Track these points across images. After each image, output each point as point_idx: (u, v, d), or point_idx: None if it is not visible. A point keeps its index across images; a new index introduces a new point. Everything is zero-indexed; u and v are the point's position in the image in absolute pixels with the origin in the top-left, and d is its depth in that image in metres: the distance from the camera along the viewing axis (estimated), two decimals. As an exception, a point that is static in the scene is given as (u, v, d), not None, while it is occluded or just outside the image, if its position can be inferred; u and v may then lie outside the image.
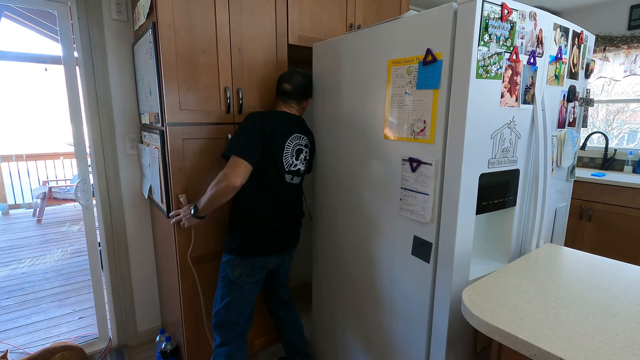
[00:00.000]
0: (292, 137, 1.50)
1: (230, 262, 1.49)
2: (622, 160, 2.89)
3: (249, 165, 1.37)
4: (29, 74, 9.23)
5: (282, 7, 1.70)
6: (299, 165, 1.55)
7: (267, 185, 1.47)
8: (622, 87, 2.98)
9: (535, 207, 1.27)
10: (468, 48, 0.98)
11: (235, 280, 1.49)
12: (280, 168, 1.48)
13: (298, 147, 1.53)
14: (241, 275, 1.49)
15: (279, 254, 1.56)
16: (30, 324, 2.41)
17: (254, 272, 1.52)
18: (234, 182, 1.34)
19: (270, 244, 1.52)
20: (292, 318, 1.77)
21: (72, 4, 1.75)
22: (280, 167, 1.48)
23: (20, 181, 5.41)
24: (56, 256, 3.58)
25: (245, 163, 1.36)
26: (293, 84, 1.54)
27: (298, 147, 1.53)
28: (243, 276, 1.49)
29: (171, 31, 1.43)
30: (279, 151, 1.46)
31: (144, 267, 2.10)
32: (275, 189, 1.48)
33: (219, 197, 1.37)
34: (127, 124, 1.93)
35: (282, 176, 1.49)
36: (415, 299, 1.23)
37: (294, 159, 1.52)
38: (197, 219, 1.46)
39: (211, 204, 1.40)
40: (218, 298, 1.53)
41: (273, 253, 1.54)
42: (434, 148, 1.11)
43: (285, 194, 1.52)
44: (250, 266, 1.50)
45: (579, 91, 1.43)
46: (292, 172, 1.53)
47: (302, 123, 1.58)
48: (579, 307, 0.89)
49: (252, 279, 1.52)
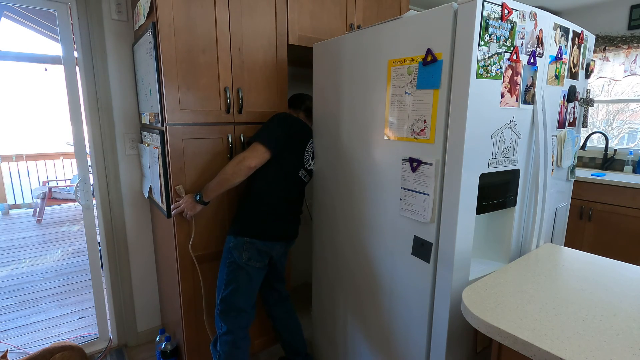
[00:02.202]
0: (310, 141, 1.69)
1: (238, 246, 1.51)
2: (622, 160, 2.89)
3: (267, 152, 1.49)
4: (29, 74, 9.23)
5: (282, 7, 1.70)
6: (312, 165, 1.71)
7: (283, 175, 1.58)
8: (622, 87, 2.98)
9: (535, 207, 1.27)
10: (468, 48, 0.98)
11: (243, 264, 1.51)
12: (300, 163, 1.63)
13: (312, 150, 1.71)
14: (249, 260, 1.52)
15: (282, 241, 1.62)
16: (30, 324, 2.41)
17: (262, 257, 1.55)
18: (249, 163, 1.45)
19: (278, 229, 1.59)
20: (289, 318, 1.78)
21: (72, 4, 1.75)
22: (300, 162, 1.63)
23: (20, 181, 5.41)
24: (56, 256, 3.58)
25: (263, 149, 1.48)
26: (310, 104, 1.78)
27: (311, 150, 1.70)
28: (251, 260, 1.52)
29: (171, 31, 1.43)
30: (301, 149, 1.64)
31: (144, 267, 2.10)
32: (289, 179, 1.60)
33: (231, 177, 1.46)
34: (127, 124, 1.93)
35: (297, 169, 1.63)
36: (415, 299, 1.23)
37: (310, 159, 1.69)
38: (202, 204, 1.50)
39: (221, 185, 1.47)
40: (222, 285, 1.53)
41: (279, 239, 1.60)
42: (434, 148, 1.11)
43: (296, 187, 1.64)
44: (258, 250, 1.53)
45: (579, 91, 1.43)
46: (307, 170, 1.68)
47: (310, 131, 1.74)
48: (579, 307, 0.89)
49: (259, 264, 1.55)
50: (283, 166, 1.58)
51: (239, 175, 1.46)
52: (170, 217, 1.57)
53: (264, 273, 1.61)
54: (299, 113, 1.77)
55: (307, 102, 1.79)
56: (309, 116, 1.77)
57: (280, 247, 1.63)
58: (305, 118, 1.77)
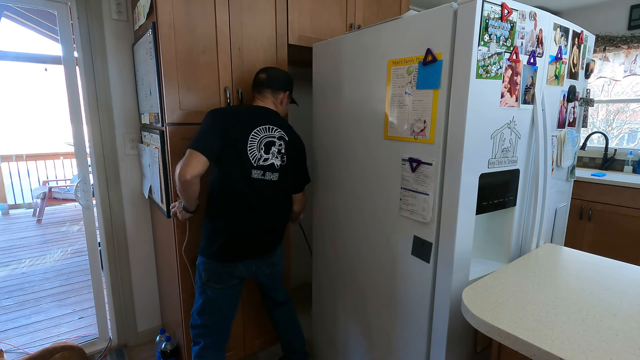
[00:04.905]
0: (258, 129, 1.39)
1: (199, 265, 1.44)
2: (622, 160, 2.89)
3: (202, 157, 1.29)
4: (29, 74, 9.23)
5: (282, 7, 1.70)
6: (271, 159, 1.41)
7: (229, 182, 1.37)
8: (622, 87, 2.98)
9: (535, 207, 1.27)
10: (468, 48, 0.98)
11: (204, 284, 1.43)
12: (246, 163, 1.37)
13: (268, 140, 1.40)
14: (208, 280, 1.42)
15: (248, 260, 1.45)
16: (30, 324, 2.41)
17: (222, 279, 1.42)
18: (183, 174, 1.27)
19: (235, 250, 1.40)
20: (287, 319, 1.71)
21: (72, 4, 1.75)
22: (245, 162, 1.37)
23: (20, 181, 5.40)
24: (56, 256, 3.58)
25: (196, 154, 1.28)
26: (269, 73, 1.49)
27: (268, 139, 1.40)
28: (210, 281, 1.42)
29: (171, 31, 1.43)
30: (243, 144, 1.36)
31: (144, 267, 2.10)
32: (240, 186, 1.37)
33: (180, 190, 1.33)
34: (127, 124, 1.93)
35: (247, 172, 1.37)
36: (415, 299, 1.23)
37: (263, 152, 1.39)
38: (187, 212, 1.43)
39: (182, 197, 1.37)
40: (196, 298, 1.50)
41: (239, 260, 1.42)
42: (434, 148, 1.11)
43: (254, 192, 1.40)
44: (216, 272, 1.41)
45: (579, 91, 1.43)
46: (263, 167, 1.40)
47: (275, 116, 1.47)
48: (579, 307, 0.89)
49: (221, 285, 1.42)
50: (226, 171, 1.36)
51: (185, 189, 1.31)
52: (170, 217, 1.57)
53: (234, 292, 1.47)
54: (253, 96, 1.53)
55: (258, 75, 1.51)
56: (261, 90, 1.49)
57: (248, 267, 1.46)
58: (258, 96, 1.50)
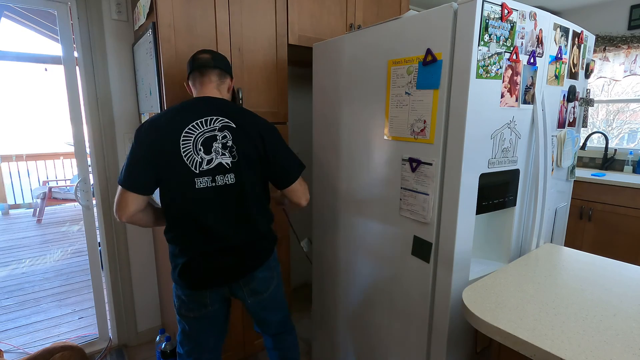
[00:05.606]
0: (190, 127, 1.11)
1: (173, 291, 1.30)
2: (622, 160, 2.89)
3: (132, 195, 1.10)
4: (29, 74, 9.22)
5: (282, 7, 1.70)
6: (217, 158, 1.13)
7: (170, 199, 1.15)
8: (622, 87, 2.98)
9: (535, 207, 1.27)
10: (468, 48, 0.98)
11: (177, 313, 1.30)
12: (184, 172, 1.11)
13: (207, 136, 1.12)
14: (180, 308, 1.27)
15: (214, 288, 1.23)
16: (30, 324, 2.41)
17: (191, 307, 1.24)
18: (119, 217, 1.12)
19: (197, 277, 1.19)
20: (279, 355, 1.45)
21: (72, 4, 1.75)
22: (183, 171, 1.11)
23: (20, 181, 5.41)
24: (56, 256, 3.58)
25: (127, 193, 1.10)
26: (212, 53, 1.23)
27: (207, 135, 1.12)
28: (181, 309, 1.27)
29: (171, 31, 1.43)
30: (175, 152, 1.10)
31: (144, 267, 2.10)
32: (181, 202, 1.14)
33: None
34: (127, 124, 1.93)
35: (188, 183, 1.12)
36: (415, 299, 1.23)
37: (203, 154, 1.12)
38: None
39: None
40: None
41: (204, 287, 1.21)
42: (434, 148, 1.11)
43: (203, 207, 1.14)
44: (183, 300, 1.24)
45: (579, 91, 1.43)
46: (209, 171, 1.13)
47: (216, 103, 1.17)
48: (579, 307, 0.89)
49: (192, 314, 1.26)
50: (164, 189, 1.14)
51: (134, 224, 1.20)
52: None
53: (211, 322, 1.29)
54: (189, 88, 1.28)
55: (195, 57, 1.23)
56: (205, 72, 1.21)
57: (219, 295, 1.25)
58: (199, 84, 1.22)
